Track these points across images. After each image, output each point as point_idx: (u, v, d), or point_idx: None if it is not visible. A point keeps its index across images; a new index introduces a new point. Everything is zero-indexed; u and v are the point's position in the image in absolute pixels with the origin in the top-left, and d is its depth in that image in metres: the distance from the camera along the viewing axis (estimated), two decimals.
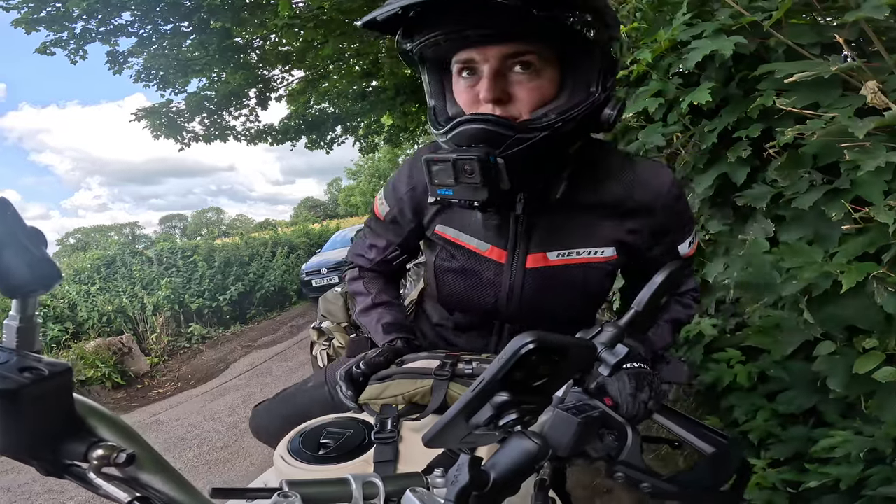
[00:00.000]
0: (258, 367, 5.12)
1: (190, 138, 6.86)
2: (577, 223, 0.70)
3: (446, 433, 0.37)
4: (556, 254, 0.69)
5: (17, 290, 0.33)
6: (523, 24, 0.55)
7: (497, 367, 0.34)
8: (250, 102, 7.10)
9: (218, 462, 3.03)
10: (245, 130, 7.42)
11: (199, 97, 6.45)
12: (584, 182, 0.68)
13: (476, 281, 0.74)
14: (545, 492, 0.51)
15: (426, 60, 0.65)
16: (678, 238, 0.73)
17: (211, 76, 6.34)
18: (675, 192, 0.71)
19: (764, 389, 1.22)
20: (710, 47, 1.00)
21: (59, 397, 0.31)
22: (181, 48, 5.74)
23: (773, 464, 1.14)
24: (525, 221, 0.69)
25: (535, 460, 0.37)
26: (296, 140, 8.21)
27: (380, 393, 0.72)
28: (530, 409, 0.38)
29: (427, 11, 0.57)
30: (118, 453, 0.31)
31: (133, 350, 5.16)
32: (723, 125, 1.11)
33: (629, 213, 0.70)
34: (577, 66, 0.60)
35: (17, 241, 0.32)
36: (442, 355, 0.75)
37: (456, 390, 0.69)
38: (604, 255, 0.70)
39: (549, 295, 0.72)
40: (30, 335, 0.34)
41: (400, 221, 0.81)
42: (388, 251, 0.85)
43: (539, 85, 0.60)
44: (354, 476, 0.40)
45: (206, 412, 3.93)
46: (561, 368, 0.37)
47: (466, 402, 0.36)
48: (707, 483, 0.50)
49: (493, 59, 0.58)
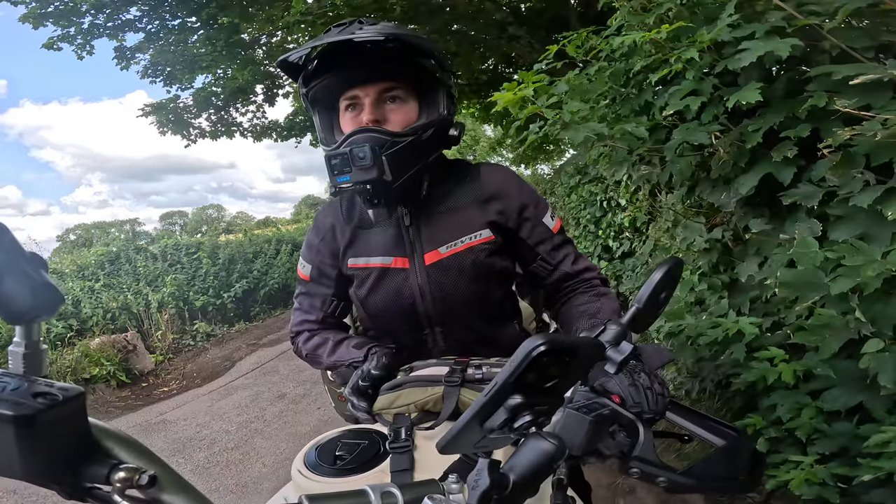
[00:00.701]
0: (265, 366, 5.08)
1: (196, 135, 6.83)
2: (452, 219, 0.85)
3: (461, 438, 0.37)
4: (445, 247, 0.84)
5: (20, 316, 0.32)
6: (393, 68, 0.79)
7: (510, 371, 0.34)
8: (257, 99, 7.08)
9: (230, 463, 2.99)
10: (251, 127, 7.40)
11: (206, 93, 6.44)
12: (446, 187, 0.87)
13: (392, 291, 0.85)
14: (563, 490, 0.52)
15: (318, 102, 0.85)
16: (539, 212, 0.88)
17: (217, 72, 6.32)
18: (515, 178, 0.91)
19: (805, 388, 1.23)
20: (763, 48, 1.00)
21: (74, 421, 0.31)
22: (188, 44, 5.72)
23: (819, 460, 1.15)
24: (413, 230, 0.85)
25: (552, 460, 0.37)
26: (301, 137, 8.20)
27: (392, 402, 0.75)
28: (543, 410, 0.38)
29: (326, 57, 0.79)
30: (140, 475, 0.31)
31: (138, 347, 5.11)
32: (768, 125, 1.12)
33: (488, 200, 0.86)
34: (430, 98, 0.83)
35: (18, 267, 0.32)
36: (451, 361, 0.79)
37: (467, 396, 0.72)
38: (482, 237, 0.85)
39: (451, 283, 0.84)
40: (36, 360, 0.34)
41: (324, 271, 0.93)
42: (327, 305, 0.95)
43: (405, 110, 0.81)
44: (372, 487, 0.40)
45: (214, 412, 3.91)
46: (572, 368, 0.38)
47: (480, 406, 0.36)
48: (722, 475, 0.50)
49: (372, 93, 0.79)
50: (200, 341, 6.28)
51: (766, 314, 1.47)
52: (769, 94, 1.17)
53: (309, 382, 4.25)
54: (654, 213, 2.88)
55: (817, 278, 1.08)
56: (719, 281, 1.69)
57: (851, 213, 1.03)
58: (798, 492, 1.11)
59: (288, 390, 4.21)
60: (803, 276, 1.11)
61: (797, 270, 1.13)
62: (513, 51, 6.05)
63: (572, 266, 0.89)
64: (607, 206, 3.82)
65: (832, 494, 1.08)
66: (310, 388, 4.12)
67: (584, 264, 0.90)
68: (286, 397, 4.05)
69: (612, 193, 3.69)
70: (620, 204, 3.47)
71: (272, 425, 3.48)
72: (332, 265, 0.92)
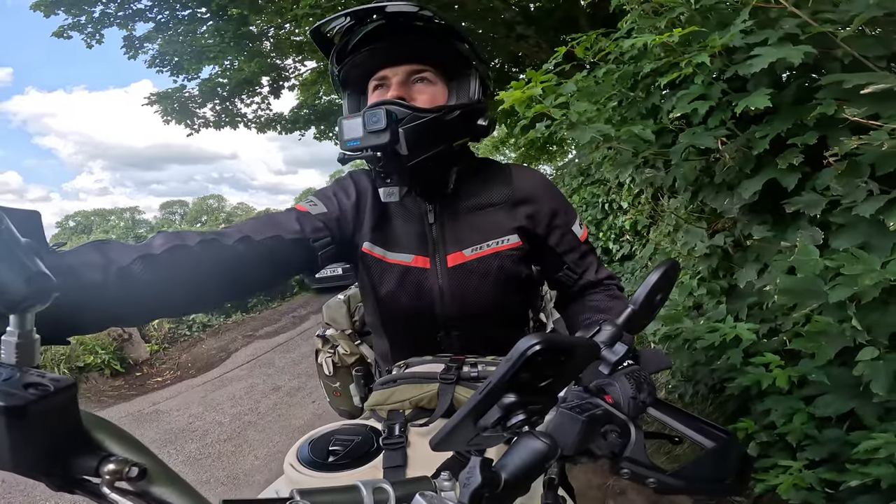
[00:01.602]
0: (260, 358, 5.05)
1: (200, 124, 6.83)
2: (480, 221, 0.81)
3: (454, 436, 0.37)
4: (469, 250, 0.80)
5: (14, 305, 0.32)
6: (424, 49, 0.76)
7: (505, 369, 0.34)
8: (263, 91, 7.07)
9: (221, 455, 2.93)
10: (256, 118, 7.40)
11: (212, 83, 6.42)
12: (475, 187, 0.83)
13: (411, 291, 0.81)
14: (554, 490, 0.51)
15: (348, 84, 0.83)
16: (569, 220, 0.85)
17: (223, 64, 6.31)
18: (548, 183, 0.87)
19: (798, 393, 1.24)
20: (775, 55, 1.01)
21: (65, 412, 0.30)
22: (197, 34, 5.71)
23: (808, 466, 1.16)
24: (437, 228, 0.81)
25: (545, 459, 0.37)
26: (305, 130, 8.19)
27: (386, 399, 0.74)
28: (537, 409, 0.38)
29: (357, 35, 0.76)
30: (130, 467, 0.31)
31: (133, 336, 5.06)
32: (776, 131, 1.12)
33: (518, 203, 0.83)
34: (460, 83, 0.80)
35: (13, 255, 0.31)
36: (446, 359, 0.78)
37: (462, 393, 0.72)
38: (509, 243, 0.81)
39: (473, 287, 0.80)
40: (29, 350, 0.33)
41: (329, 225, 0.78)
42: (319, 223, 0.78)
43: (432, 91, 0.78)
44: (364, 482, 0.40)
45: (208, 403, 3.86)
46: (566, 368, 0.38)
47: (474, 404, 0.36)
48: (710, 476, 0.50)
49: (401, 73, 0.77)
50: (196, 331, 6.26)
51: (762, 320, 1.49)
52: (778, 101, 1.17)
53: (304, 376, 4.22)
54: (656, 216, 2.89)
55: (816, 286, 1.10)
56: (718, 286, 1.70)
57: (854, 223, 1.04)
58: (786, 496, 1.12)
59: (283, 383, 4.18)
60: (803, 284, 1.13)
61: (797, 278, 1.14)
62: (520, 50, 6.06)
63: (596, 275, 0.87)
64: (609, 209, 3.83)
65: (819, 499, 1.09)
66: (305, 382, 4.08)
67: (606, 273, 0.88)
68: (281, 390, 4.01)
69: (613, 196, 3.70)
70: (622, 207, 3.48)
71: (266, 418, 3.45)
72: (340, 228, 0.80)
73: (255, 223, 0.72)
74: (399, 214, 0.83)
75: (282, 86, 7.16)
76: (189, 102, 6.63)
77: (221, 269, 0.63)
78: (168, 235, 0.60)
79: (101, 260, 0.50)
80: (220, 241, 0.63)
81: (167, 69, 5.99)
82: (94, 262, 0.49)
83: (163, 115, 6.63)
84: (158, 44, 5.74)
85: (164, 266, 0.55)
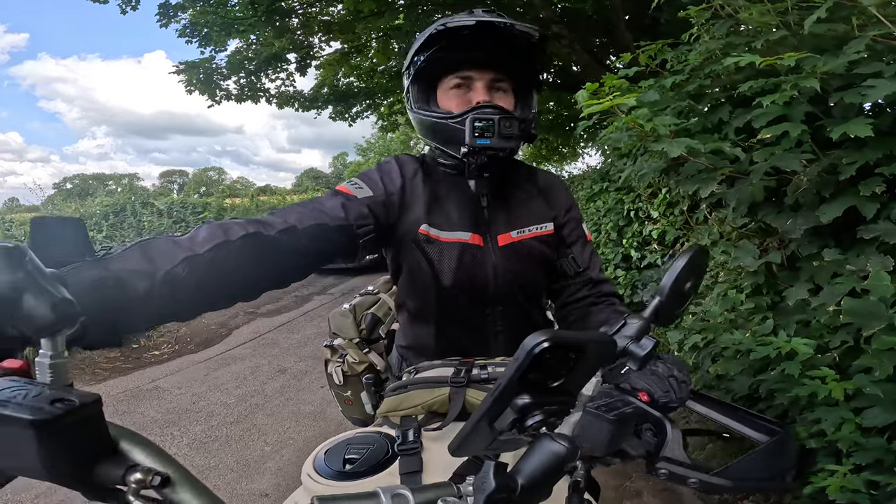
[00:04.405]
0: (264, 337, 4.95)
1: (222, 96, 6.77)
2: (522, 207, 0.90)
3: (471, 440, 0.37)
4: (515, 231, 0.88)
5: (43, 330, 0.35)
6: (509, 60, 0.85)
7: (513, 370, 0.34)
8: (290, 67, 7.01)
9: (229, 439, 2.77)
10: (278, 93, 7.34)
11: (241, 56, 6.35)
12: (516, 177, 0.93)
13: (469, 267, 0.86)
14: (580, 494, 0.49)
15: (420, 75, 0.87)
16: (579, 217, 0.96)
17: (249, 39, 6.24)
18: (562, 181, 0.99)
19: (846, 405, 1.34)
20: (890, 88, 1.08)
21: (91, 424, 0.32)
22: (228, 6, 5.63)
23: (852, 470, 1.27)
24: (488, 210, 0.89)
25: (562, 462, 0.35)
26: (322, 109, 8.15)
27: (398, 405, 0.76)
28: (554, 409, 0.37)
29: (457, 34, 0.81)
30: (153, 476, 0.33)
31: None
32: (866, 159, 1.19)
33: (545, 193, 0.94)
34: (524, 96, 0.90)
35: (38, 285, 0.34)
36: (455, 362, 0.79)
37: (474, 396, 0.73)
38: (545, 229, 0.91)
39: (519, 266, 0.88)
40: (61, 369, 0.36)
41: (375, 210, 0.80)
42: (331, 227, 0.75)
43: (507, 102, 0.87)
44: (384, 489, 0.40)
45: (211, 381, 3.69)
46: (580, 366, 0.37)
47: (487, 407, 0.35)
48: (763, 474, 0.47)
49: (486, 78, 0.85)
50: None
51: (808, 337, 1.58)
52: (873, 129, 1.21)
53: (311, 359, 4.12)
54: (690, 228, 2.97)
55: (880, 310, 1.19)
56: (764, 302, 1.78)
57: None
58: (833, 496, 1.22)
59: (289, 365, 4.02)
60: (867, 307, 1.22)
61: (861, 301, 1.23)
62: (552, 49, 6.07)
63: (597, 275, 0.93)
64: (634, 216, 3.89)
65: (864, 500, 1.19)
66: (312, 365, 3.93)
67: (604, 277, 0.95)
68: (287, 372, 3.86)
69: (640, 204, 3.76)
70: (651, 216, 3.55)
71: (273, 401, 3.30)
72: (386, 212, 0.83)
73: (301, 210, 0.72)
74: (453, 197, 0.88)
75: (309, 64, 7.10)
76: (215, 74, 6.55)
77: (264, 261, 0.63)
78: (212, 229, 0.60)
79: (148, 267, 0.51)
80: (263, 234, 0.63)
81: (196, 40, 5.92)
82: (141, 269, 0.51)
83: (186, 84, 6.56)
84: (190, 14, 5.66)
85: (209, 265, 0.56)
